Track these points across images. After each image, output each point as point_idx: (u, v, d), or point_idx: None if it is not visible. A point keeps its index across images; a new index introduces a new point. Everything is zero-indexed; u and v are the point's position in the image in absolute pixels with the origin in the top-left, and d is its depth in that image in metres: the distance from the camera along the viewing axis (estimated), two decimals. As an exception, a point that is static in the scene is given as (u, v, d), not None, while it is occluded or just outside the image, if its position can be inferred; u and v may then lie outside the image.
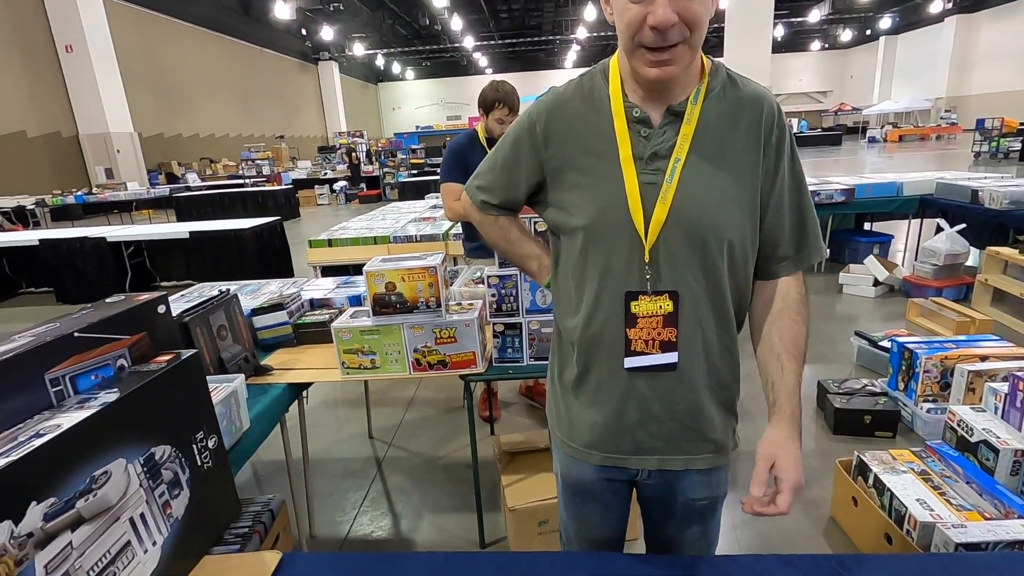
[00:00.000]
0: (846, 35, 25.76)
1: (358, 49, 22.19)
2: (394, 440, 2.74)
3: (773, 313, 0.95)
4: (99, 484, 0.83)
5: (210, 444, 1.08)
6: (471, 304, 1.82)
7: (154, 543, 0.92)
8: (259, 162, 13.67)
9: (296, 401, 1.82)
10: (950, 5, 20.21)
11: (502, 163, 1.00)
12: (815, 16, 19.97)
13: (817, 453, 2.46)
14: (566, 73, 29.16)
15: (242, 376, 1.45)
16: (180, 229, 5.32)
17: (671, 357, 0.90)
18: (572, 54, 26.50)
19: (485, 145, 2.56)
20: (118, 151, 12.66)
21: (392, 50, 23.86)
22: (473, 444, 1.85)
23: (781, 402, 0.92)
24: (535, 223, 1.39)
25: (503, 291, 1.75)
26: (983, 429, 1.88)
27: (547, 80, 29.43)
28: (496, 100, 2.51)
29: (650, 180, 0.86)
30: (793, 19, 20.87)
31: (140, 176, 13.00)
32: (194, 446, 1.04)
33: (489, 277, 1.74)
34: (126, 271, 5.50)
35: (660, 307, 0.89)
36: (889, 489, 1.78)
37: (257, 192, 10.86)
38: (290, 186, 11.98)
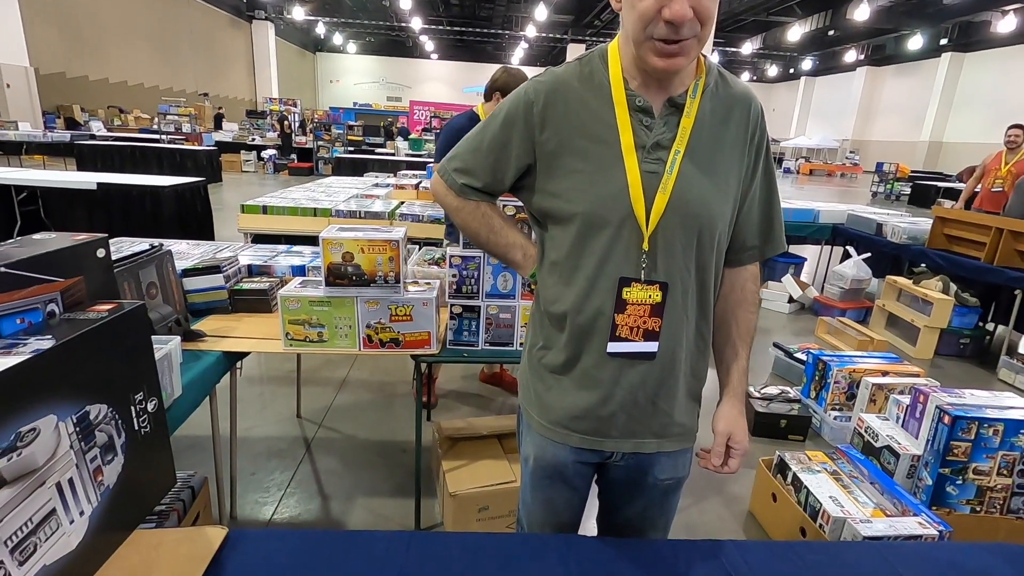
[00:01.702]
0: (773, 70, 27.69)
1: (298, 13, 20.98)
2: (324, 421, 2.62)
3: (732, 303, 1.02)
4: (25, 442, 0.72)
5: (149, 407, 0.97)
6: (428, 283, 1.77)
7: (81, 513, 0.81)
8: (179, 118, 12.59)
9: (228, 372, 1.69)
10: (862, 57, 22.27)
11: (489, 144, 0.95)
12: (747, 49, 21.32)
13: (737, 452, 2.61)
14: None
15: (178, 338, 1.32)
16: (86, 179, 4.77)
17: (652, 346, 0.92)
18: (520, 51, 26.55)
19: None
20: (8, 85, 11.22)
21: (335, 19, 22.78)
22: (418, 425, 1.80)
23: (734, 383, 1.03)
24: (503, 207, 1.37)
25: (465, 272, 1.71)
26: (887, 436, 2.08)
27: (492, 73, 29.39)
28: (509, 85, 2.44)
29: (652, 169, 0.88)
30: (728, 48, 22.15)
31: (33, 118, 11.59)
32: (132, 408, 0.93)
33: (452, 257, 1.70)
34: (15, 219, 4.87)
35: (650, 296, 0.90)
36: (806, 486, 1.92)
37: (175, 150, 10.01)
38: (213, 147, 11.14)
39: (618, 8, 0.87)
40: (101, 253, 1.01)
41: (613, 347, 0.92)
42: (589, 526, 1.16)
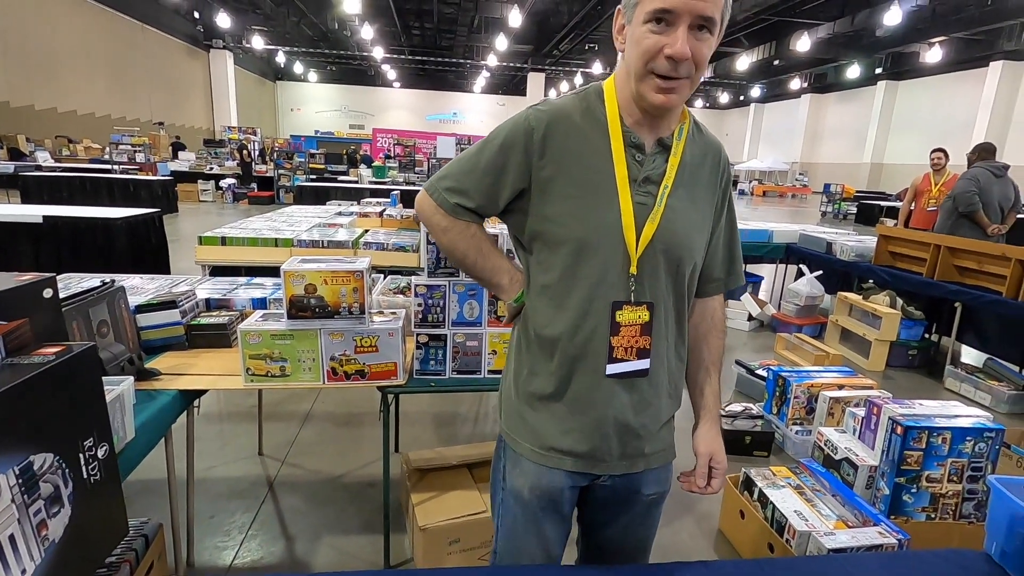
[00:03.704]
0: (724, 97, 28.94)
1: (257, 42, 20.85)
2: (288, 457, 2.53)
3: (703, 331, 1.10)
4: (-38, 498, 0.68)
5: (99, 453, 0.93)
6: (394, 313, 1.76)
7: (24, 572, 0.77)
8: (133, 148, 12.24)
9: (185, 411, 1.63)
10: (806, 84, 23.55)
11: (486, 166, 0.98)
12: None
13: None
14: (474, 97, 29.66)
15: (131, 378, 1.28)
16: (31, 212, 4.57)
17: (645, 363, 0.97)
18: (481, 80, 27.02)
19: None
20: (-54, 115, 10.72)
21: (295, 49, 22.74)
22: (386, 459, 1.77)
23: (710, 405, 1.09)
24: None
25: (430, 301, 1.71)
26: (845, 448, 2.15)
27: (454, 101, 29.73)
28: None
29: (642, 201, 0.95)
30: (682, 77, 23.11)
31: (-27, 148, 11.07)
32: (81, 455, 0.88)
33: (417, 286, 1.69)
34: (-49, 256, 4.61)
35: (639, 316, 0.96)
36: (771, 502, 1.96)
37: (128, 180, 9.71)
38: (169, 177, 10.85)
39: (621, 47, 0.95)
40: (48, 293, 0.97)
41: (612, 368, 0.96)
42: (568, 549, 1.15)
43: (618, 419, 0.98)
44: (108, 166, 11.32)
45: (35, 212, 4.53)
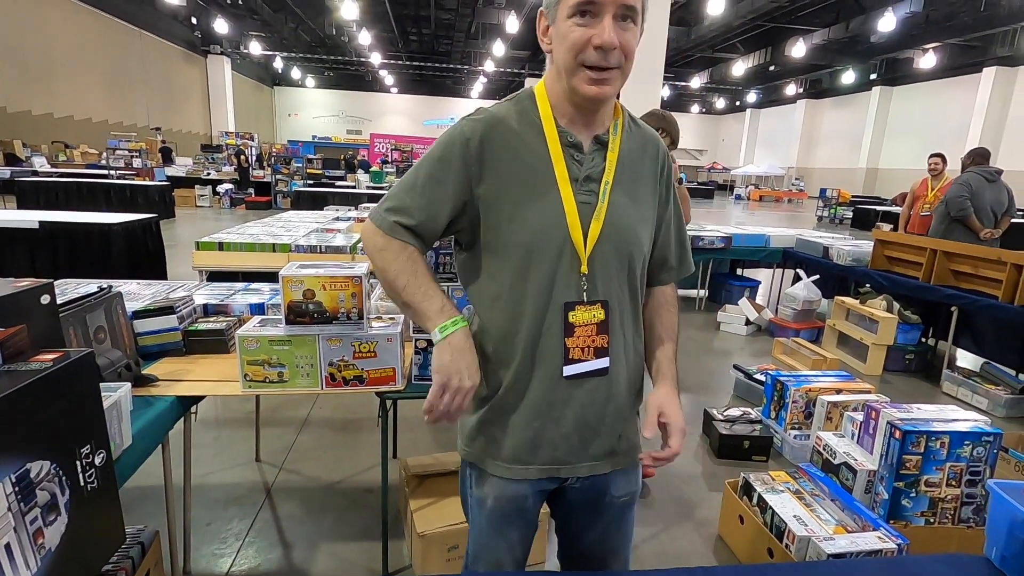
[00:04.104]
0: (720, 103, 29.10)
1: (255, 48, 20.89)
2: (285, 464, 2.52)
3: (654, 308, 1.12)
4: (-42, 507, 0.67)
5: (97, 460, 0.92)
6: (392, 318, 1.76)
7: (19, 581, 0.76)
8: (130, 153, 12.22)
9: (182, 417, 1.62)
10: (802, 90, 23.69)
11: (424, 182, 0.96)
12: (696, 83, 22.38)
13: (704, 476, 2.64)
14: (472, 102, 29.72)
15: (128, 385, 1.27)
16: (27, 217, 4.56)
17: (604, 362, 0.97)
18: (479, 85, 27.09)
19: None
20: (-58, 120, 10.70)
21: (293, 54, 22.79)
22: (384, 465, 1.76)
23: (664, 369, 1.08)
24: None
25: (429, 306, 1.71)
26: (844, 452, 2.15)
27: (452, 107, 29.78)
28: (659, 128, 2.33)
29: (585, 200, 0.95)
30: (678, 82, 23.21)
31: (-31, 153, 11.05)
32: (78, 462, 0.88)
33: (415, 291, 1.69)
34: (-54, 261, 4.59)
35: (594, 316, 0.96)
36: (771, 507, 1.96)
37: (125, 186, 9.71)
38: (166, 182, 10.84)
39: (548, 48, 0.95)
40: (45, 299, 0.97)
41: (569, 370, 0.96)
42: (551, 564, 1.15)
43: (580, 420, 0.98)
44: (104, 171, 11.31)
45: (31, 218, 4.52)
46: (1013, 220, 4.65)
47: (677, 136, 2.42)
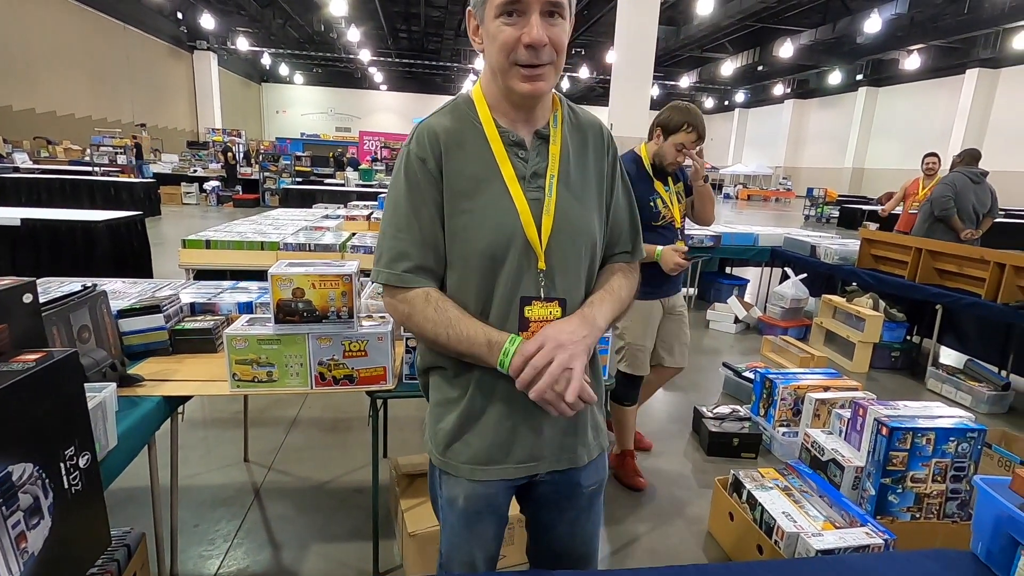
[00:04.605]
0: (709, 103, 29.26)
1: (242, 44, 20.65)
2: (274, 464, 2.50)
3: (602, 274, 1.07)
4: (-63, 511, 0.65)
5: (81, 462, 0.90)
6: (383, 317, 1.74)
7: (2, 586, 0.74)
8: (115, 150, 12.04)
9: (168, 418, 1.60)
10: (789, 90, 23.90)
11: (407, 217, 0.94)
12: (685, 82, 22.50)
13: (694, 473, 2.66)
14: (461, 101, 29.56)
15: (113, 385, 1.25)
16: (9, 214, 4.47)
17: None
18: (468, 83, 27.05)
19: (651, 172, 2.30)
20: (-81, 115, 10.46)
21: (281, 51, 22.57)
22: (375, 464, 1.75)
23: (579, 309, 0.97)
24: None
25: (420, 305, 1.70)
26: (832, 449, 2.17)
27: (441, 104, 29.65)
28: (685, 123, 2.19)
29: (534, 196, 0.95)
30: (668, 82, 23.31)
31: (-52, 149, 10.81)
32: (62, 464, 0.86)
33: (406, 290, 1.68)
34: (-75, 260, 4.49)
35: (550, 312, 0.95)
36: (760, 504, 1.97)
37: (109, 183, 9.56)
38: (152, 179, 10.70)
39: (480, 47, 0.95)
40: (27, 298, 0.94)
41: None
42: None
43: (544, 416, 0.97)
44: (88, 168, 11.13)
45: (13, 215, 4.44)
46: (995, 220, 4.72)
47: (704, 130, 2.25)
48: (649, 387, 2.65)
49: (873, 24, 12.25)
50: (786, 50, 15.01)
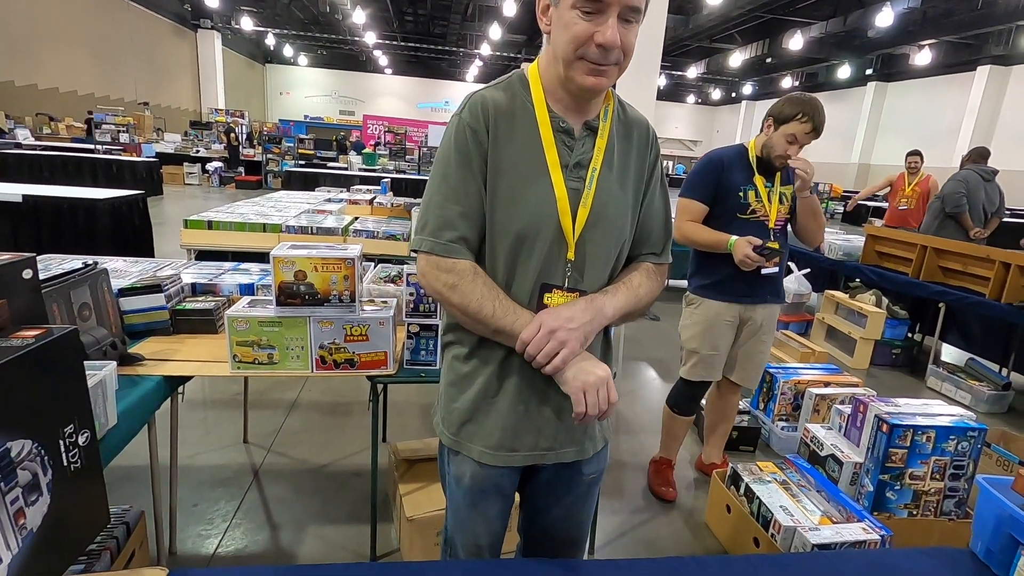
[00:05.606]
0: (716, 94, 28.99)
1: (246, 24, 20.44)
2: (273, 446, 2.51)
3: (626, 270, 1.05)
4: (-66, 486, 0.65)
5: (80, 440, 0.90)
6: (384, 302, 1.73)
7: (0, 561, 0.74)
8: (116, 128, 11.97)
9: (168, 398, 1.59)
10: (797, 83, 23.68)
11: (456, 184, 0.93)
12: (692, 73, 22.27)
13: (693, 464, 2.66)
14: (466, 86, 29.37)
15: (113, 363, 1.24)
16: (10, 191, 4.46)
17: None
18: (474, 68, 26.78)
19: (755, 165, 2.16)
20: (-80, 88, 10.39)
21: (285, 32, 22.34)
22: (374, 449, 1.75)
23: (590, 294, 0.96)
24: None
25: (422, 291, 1.69)
26: (831, 445, 2.17)
27: (447, 89, 29.44)
28: (800, 112, 2.01)
29: (574, 186, 0.95)
30: (675, 72, 23.08)
31: (-51, 123, 10.75)
32: (61, 442, 0.85)
33: (409, 275, 1.67)
34: (-74, 234, 4.48)
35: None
36: (758, 497, 1.98)
37: (111, 161, 9.51)
38: (154, 158, 10.65)
39: (546, 28, 0.93)
40: (28, 274, 0.93)
41: None
42: (509, 537, 1.17)
43: (557, 405, 0.98)
44: (90, 145, 11.07)
45: (14, 191, 4.42)
46: (1002, 220, 4.69)
47: (820, 124, 2.06)
48: (713, 407, 2.48)
49: (885, 18, 12.08)
50: (796, 42, 14.82)
